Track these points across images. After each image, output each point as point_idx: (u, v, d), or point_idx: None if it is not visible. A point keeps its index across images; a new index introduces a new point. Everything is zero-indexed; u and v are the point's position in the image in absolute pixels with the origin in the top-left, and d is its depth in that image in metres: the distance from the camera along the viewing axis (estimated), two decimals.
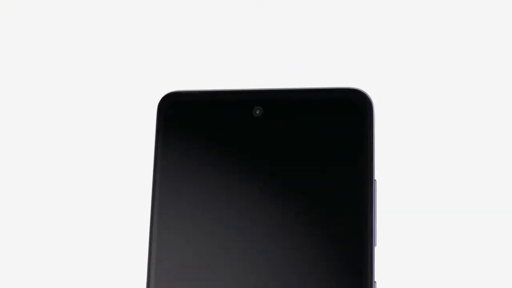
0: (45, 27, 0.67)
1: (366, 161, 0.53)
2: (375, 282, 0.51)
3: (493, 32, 0.66)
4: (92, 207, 0.65)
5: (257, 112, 0.55)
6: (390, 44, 0.66)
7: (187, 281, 0.53)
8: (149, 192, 0.54)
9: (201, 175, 0.54)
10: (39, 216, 0.66)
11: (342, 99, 0.54)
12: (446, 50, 0.66)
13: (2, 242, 0.66)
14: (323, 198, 0.53)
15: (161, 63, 0.67)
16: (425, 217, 0.64)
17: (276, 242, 0.53)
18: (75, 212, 0.65)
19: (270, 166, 0.54)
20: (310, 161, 0.54)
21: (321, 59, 0.66)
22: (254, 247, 0.53)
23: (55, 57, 0.67)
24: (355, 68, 0.66)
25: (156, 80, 0.66)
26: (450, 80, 0.66)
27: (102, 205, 0.65)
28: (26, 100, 0.66)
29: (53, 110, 0.66)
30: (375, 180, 0.53)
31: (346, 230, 0.52)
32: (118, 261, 0.64)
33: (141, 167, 0.63)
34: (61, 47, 0.67)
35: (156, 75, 0.66)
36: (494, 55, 0.66)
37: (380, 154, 0.55)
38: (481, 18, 0.66)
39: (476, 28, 0.66)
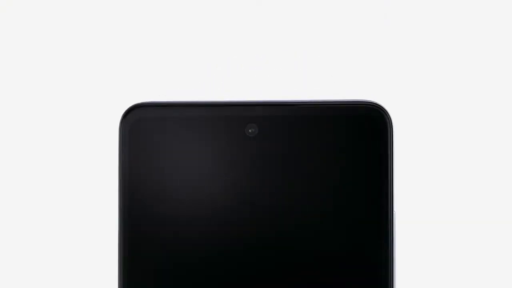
0: (35, 29, 0.67)
1: (386, 193, 0.45)
2: None
3: (499, 36, 0.65)
4: (52, 226, 0.65)
5: (251, 130, 0.45)
6: (390, 44, 0.65)
7: None
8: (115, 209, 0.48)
9: (181, 221, 0.45)
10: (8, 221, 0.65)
11: (357, 117, 0.45)
12: (452, 54, 0.65)
13: None
14: (335, 238, 0.44)
15: (157, 64, 0.66)
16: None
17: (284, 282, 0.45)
18: (35, 225, 0.65)
19: (269, 199, 0.45)
20: (318, 195, 0.45)
21: (321, 59, 0.66)
22: None
23: (51, 57, 0.67)
24: (356, 68, 0.65)
25: (147, 82, 0.65)
26: (451, 84, 0.65)
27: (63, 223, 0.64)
28: (16, 101, 0.66)
29: (40, 110, 0.66)
30: (394, 211, 0.46)
31: (360, 277, 0.45)
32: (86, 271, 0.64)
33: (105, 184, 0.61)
34: (52, 48, 0.67)
35: (148, 77, 0.66)
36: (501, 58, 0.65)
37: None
38: (480, 21, 0.65)
39: (475, 30, 0.65)
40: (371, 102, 0.46)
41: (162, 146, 0.45)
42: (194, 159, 0.45)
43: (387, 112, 0.46)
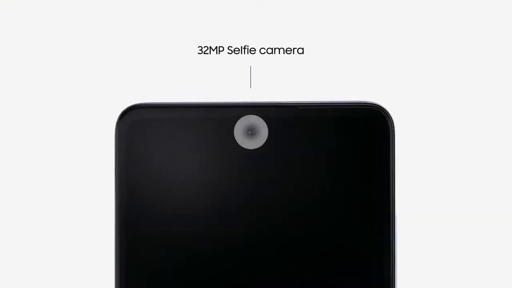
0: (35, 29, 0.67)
1: (388, 195, 0.44)
2: None
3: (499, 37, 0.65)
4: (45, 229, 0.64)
5: (250, 133, 0.45)
6: (391, 44, 0.65)
7: None
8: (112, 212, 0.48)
9: (178, 227, 0.45)
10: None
11: (358, 119, 0.44)
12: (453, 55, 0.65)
13: None
14: (336, 239, 0.44)
15: (155, 64, 0.66)
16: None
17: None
18: (28, 230, 0.65)
19: (268, 200, 0.44)
20: (319, 196, 0.44)
21: (322, 59, 0.66)
22: None
23: (50, 58, 0.67)
24: (357, 69, 0.65)
25: (145, 83, 0.65)
26: (453, 85, 0.65)
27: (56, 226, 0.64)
28: (14, 101, 0.66)
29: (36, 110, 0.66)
30: (396, 214, 0.45)
31: (362, 277, 0.44)
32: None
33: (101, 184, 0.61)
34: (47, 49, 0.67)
35: (145, 77, 0.66)
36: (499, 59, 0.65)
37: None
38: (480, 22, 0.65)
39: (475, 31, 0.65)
40: (373, 104, 0.45)
41: (159, 147, 0.45)
42: (192, 160, 0.45)
43: (389, 114, 0.45)
